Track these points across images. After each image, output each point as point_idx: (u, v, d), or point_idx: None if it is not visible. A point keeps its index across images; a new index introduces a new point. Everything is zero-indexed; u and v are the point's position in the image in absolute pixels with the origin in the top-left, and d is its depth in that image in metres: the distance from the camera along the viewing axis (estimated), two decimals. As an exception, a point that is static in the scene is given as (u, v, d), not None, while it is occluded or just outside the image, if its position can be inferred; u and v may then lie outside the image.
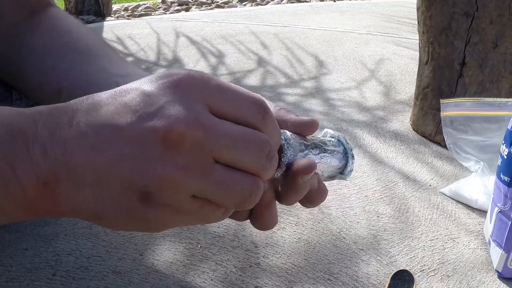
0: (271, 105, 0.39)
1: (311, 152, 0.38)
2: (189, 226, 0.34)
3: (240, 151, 0.31)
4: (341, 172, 0.42)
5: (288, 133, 0.37)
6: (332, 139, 0.42)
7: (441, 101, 0.88)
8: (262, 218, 0.39)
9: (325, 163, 0.40)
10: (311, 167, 0.35)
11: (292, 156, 0.36)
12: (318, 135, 0.43)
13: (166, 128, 0.29)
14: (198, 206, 0.31)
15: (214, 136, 0.30)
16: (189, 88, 0.31)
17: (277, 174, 0.37)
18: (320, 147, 0.40)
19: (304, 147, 0.38)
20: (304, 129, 0.39)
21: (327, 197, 0.42)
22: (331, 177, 0.43)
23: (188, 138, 0.29)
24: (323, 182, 0.42)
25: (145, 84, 0.31)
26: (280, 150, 0.36)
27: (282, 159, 0.37)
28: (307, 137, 0.40)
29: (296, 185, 0.37)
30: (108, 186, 0.30)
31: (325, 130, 0.43)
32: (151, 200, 0.30)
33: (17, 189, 0.30)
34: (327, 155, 0.40)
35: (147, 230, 0.32)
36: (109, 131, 0.30)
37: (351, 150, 0.42)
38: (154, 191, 0.29)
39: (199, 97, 0.31)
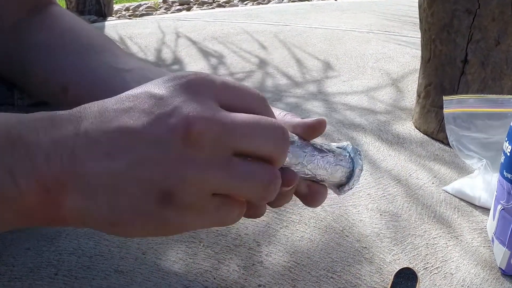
0: (276, 111, 0.39)
1: (312, 156, 0.38)
2: (204, 228, 0.34)
3: (258, 138, 0.31)
4: (338, 186, 0.41)
5: (293, 137, 0.37)
6: (345, 153, 0.41)
7: (444, 98, 0.88)
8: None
9: (325, 172, 0.39)
10: (291, 181, 0.35)
11: (288, 160, 0.36)
12: (340, 143, 0.42)
13: (185, 126, 0.29)
14: (217, 204, 0.31)
15: (232, 128, 0.30)
16: (199, 87, 0.31)
17: None
18: (325, 154, 0.39)
19: (306, 151, 0.37)
20: (311, 130, 0.39)
21: (330, 196, 0.42)
22: (329, 186, 0.42)
23: (208, 135, 0.29)
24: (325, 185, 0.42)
25: (154, 87, 0.31)
26: None
27: None
28: (321, 144, 0.39)
29: None
30: (126, 191, 0.29)
31: (347, 143, 0.42)
32: (172, 201, 0.29)
33: (15, 196, 0.29)
34: (330, 164, 0.39)
35: (163, 234, 0.32)
36: (124, 135, 0.29)
37: (361, 171, 0.41)
38: (176, 191, 0.29)
39: (209, 95, 0.31)
